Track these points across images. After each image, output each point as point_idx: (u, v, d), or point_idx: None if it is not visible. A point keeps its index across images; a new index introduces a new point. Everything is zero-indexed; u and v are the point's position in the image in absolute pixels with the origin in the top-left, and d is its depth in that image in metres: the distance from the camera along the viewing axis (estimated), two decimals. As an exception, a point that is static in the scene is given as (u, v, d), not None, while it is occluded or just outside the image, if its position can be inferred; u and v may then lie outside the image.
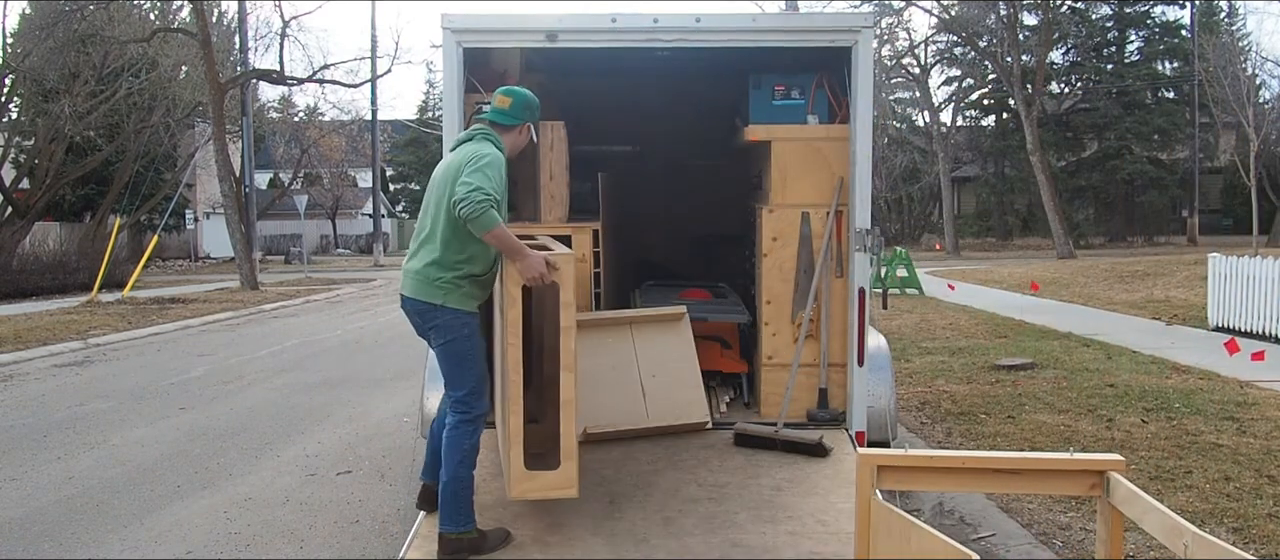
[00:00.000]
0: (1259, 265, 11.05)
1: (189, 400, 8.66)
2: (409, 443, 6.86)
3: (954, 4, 31.75)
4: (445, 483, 3.67)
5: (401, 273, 3.97)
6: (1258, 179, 26.16)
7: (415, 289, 3.81)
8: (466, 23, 4.72)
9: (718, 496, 4.17)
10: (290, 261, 38.02)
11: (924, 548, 2.58)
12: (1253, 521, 4.66)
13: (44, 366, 11.00)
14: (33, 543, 4.94)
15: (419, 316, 3.84)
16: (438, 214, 3.77)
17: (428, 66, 57.57)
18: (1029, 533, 4.67)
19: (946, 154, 36.16)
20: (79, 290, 20.41)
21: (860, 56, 4.73)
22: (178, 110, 26.57)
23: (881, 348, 5.40)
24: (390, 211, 49.90)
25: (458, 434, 3.73)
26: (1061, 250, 28.74)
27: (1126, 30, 37.39)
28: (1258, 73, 32.06)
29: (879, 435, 5.07)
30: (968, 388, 8.23)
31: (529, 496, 3.81)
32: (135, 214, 29.36)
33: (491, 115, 3.93)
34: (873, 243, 4.79)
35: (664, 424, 4.97)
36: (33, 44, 21.90)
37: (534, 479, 3.78)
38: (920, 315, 13.86)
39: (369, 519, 5.25)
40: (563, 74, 6.32)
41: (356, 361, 10.95)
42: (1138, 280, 18.20)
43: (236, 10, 24.78)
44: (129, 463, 6.48)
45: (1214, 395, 7.55)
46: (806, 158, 5.08)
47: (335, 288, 23.17)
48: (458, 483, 3.67)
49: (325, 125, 35.58)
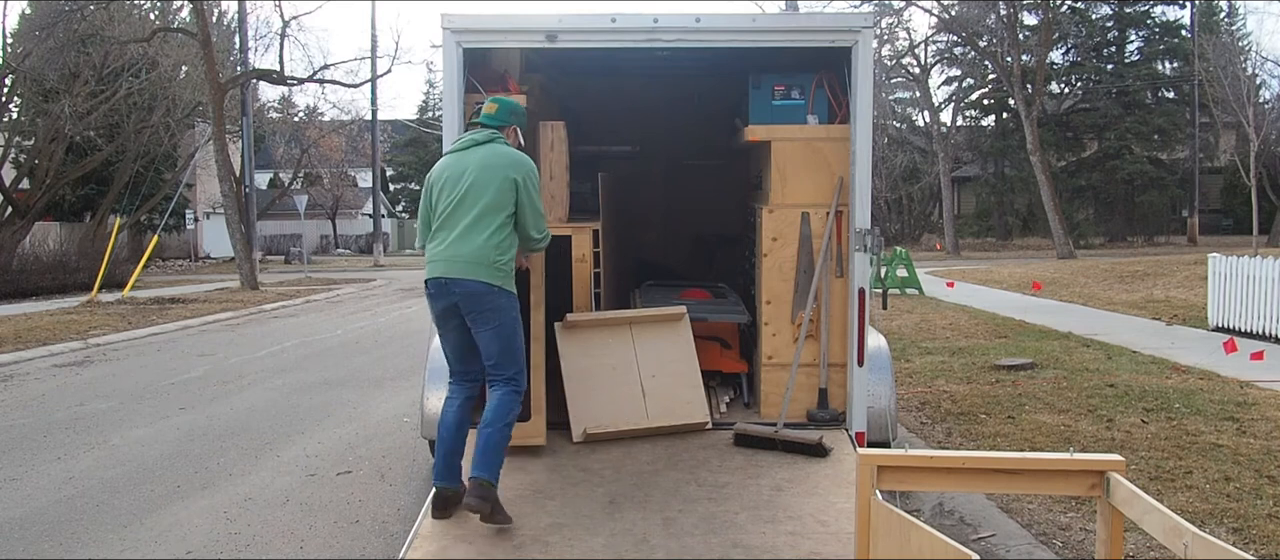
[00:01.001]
0: (1259, 265, 11.04)
1: (189, 400, 8.66)
2: (409, 443, 6.86)
3: (954, 4, 31.75)
4: (490, 434, 3.96)
5: (437, 259, 4.09)
6: (1258, 179, 26.15)
7: (472, 271, 4.00)
8: (466, 23, 4.73)
9: (718, 496, 4.17)
10: (290, 261, 38.03)
11: (924, 548, 2.59)
12: (1253, 521, 4.65)
13: (44, 366, 11.00)
14: (33, 543, 4.94)
15: (474, 298, 4.00)
16: (486, 209, 4.04)
17: (428, 66, 57.68)
18: (1029, 533, 4.67)
19: (946, 154, 36.16)
20: (79, 290, 20.41)
21: (860, 56, 4.73)
22: (178, 110, 26.57)
23: (881, 348, 5.40)
24: (390, 211, 49.90)
25: (509, 402, 4.05)
26: (1061, 250, 28.74)
27: (1126, 30, 37.40)
28: (1258, 73, 32.06)
29: (879, 435, 5.08)
30: (968, 388, 8.23)
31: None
32: (135, 214, 29.36)
33: (484, 119, 4.25)
34: (873, 243, 4.79)
35: (664, 424, 4.97)
36: (33, 44, 21.90)
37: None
38: (920, 315, 13.86)
39: (369, 519, 5.25)
40: (563, 74, 6.33)
41: (356, 361, 10.95)
42: (1138, 280, 18.20)
43: (236, 10, 24.81)
44: (129, 463, 6.48)
45: (1214, 395, 7.55)
46: (806, 158, 5.08)
47: (335, 288, 23.17)
48: (501, 438, 4.00)
49: (325, 125, 35.56)
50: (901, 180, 40.16)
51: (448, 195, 4.10)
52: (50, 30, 21.33)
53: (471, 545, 3.73)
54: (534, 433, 4.71)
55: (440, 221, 4.11)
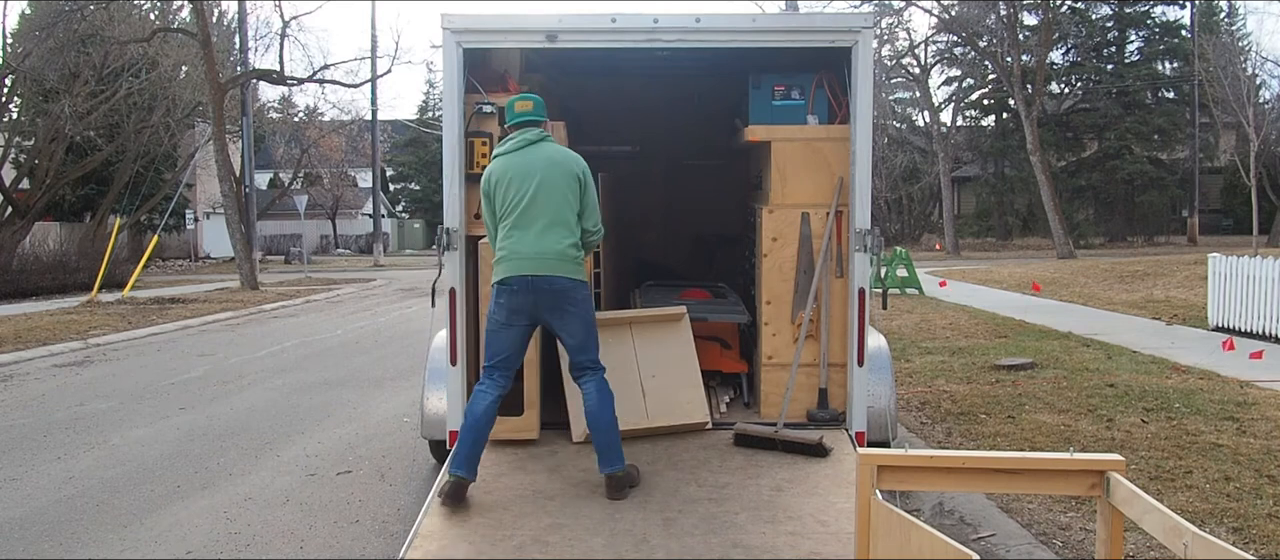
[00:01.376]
0: (1259, 265, 11.04)
1: (189, 400, 8.66)
2: (409, 443, 6.86)
3: (954, 4, 31.74)
4: (607, 428, 4.21)
5: (520, 257, 4.21)
6: (1258, 179, 26.15)
7: (558, 268, 4.22)
8: (466, 23, 4.72)
9: (718, 497, 4.17)
10: (290, 261, 38.03)
11: (924, 548, 2.59)
12: (1253, 521, 4.65)
13: (44, 366, 11.00)
14: (33, 543, 4.94)
15: (560, 294, 4.22)
16: (561, 206, 4.25)
17: (428, 66, 57.64)
18: (1029, 533, 4.66)
19: (946, 154, 36.16)
20: (79, 290, 20.41)
21: (860, 56, 4.73)
22: (178, 110, 26.57)
23: (881, 348, 5.40)
24: (390, 212, 49.91)
25: (606, 389, 4.30)
26: (1061, 250, 28.74)
27: (1126, 30, 37.41)
28: (1258, 73, 32.05)
29: (879, 435, 5.08)
30: (968, 388, 8.23)
31: (498, 438, 4.63)
32: (135, 214, 29.36)
33: (530, 117, 4.41)
34: (873, 243, 4.79)
35: (664, 424, 4.97)
36: (33, 44, 21.90)
37: (503, 423, 4.64)
38: (920, 315, 13.86)
39: (369, 519, 5.25)
40: (563, 74, 6.32)
41: (356, 361, 10.95)
42: (1138, 280, 18.20)
43: (236, 10, 24.81)
44: (129, 463, 6.48)
45: (1214, 395, 7.55)
46: (806, 158, 5.08)
47: (335, 288, 23.17)
48: (617, 427, 4.25)
49: (325, 125, 35.56)
50: (901, 180, 40.16)
51: (515, 194, 4.24)
52: (50, 30, 21.33)
53: (472, 545, 3.73)
54: (526, 427, 4.83)
55: (513, 220, 4.24)
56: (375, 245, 35.64)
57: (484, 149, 4.94)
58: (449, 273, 4.79)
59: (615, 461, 4.18)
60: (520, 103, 4.43)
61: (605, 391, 4.30)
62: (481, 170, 4.94)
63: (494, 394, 4.24)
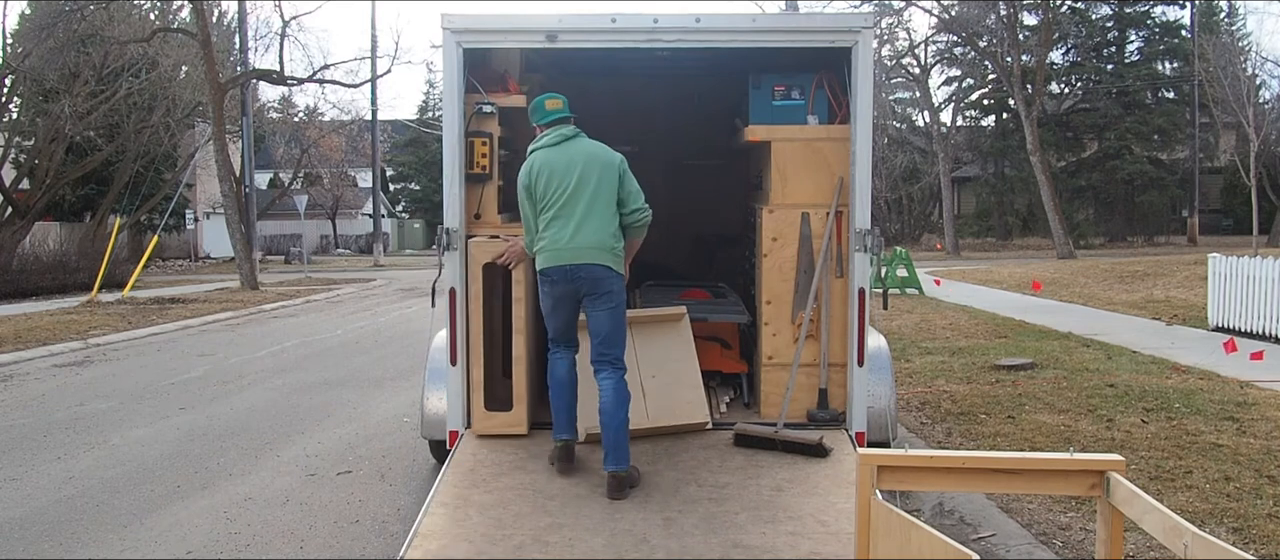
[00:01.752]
0: (1259, 265, 11.04)
1: (189, 400, 8.66)
2: (409, 443, 6.86)
3: (954, 4, 31.75)
4: (618, 427, 4.26)
5: (561, 248, 4.37)
6: (1258, 179, 26.15)
7: (597, 257, 4.36)
8: (466, 23, 4.72)
9: (718, 497, 4.17)
10: (290, 261, 38.03)
11: (924, 548, 2.59)
12: (1253, 521, 4.65)
13: (44, 366, 11.00)
14: (33, 543, 4.94)
15: (598, 281, 4.37)
16: (601, 198, 4.38)
17: (428, 66, 57.63)
18: (1029, 533, 4.67)
19: (946, 154, 36.16)
20: (79, 290, 20.41)
21: (860, 57, 4.73)
22: (178, 110, 26.57)
23: (881, 348, 5.40)
24: (390, 212, 49.91)
25: (624, 388, 4.38)
26: (1061, 250, 28.74)
27: (1126, 30, 37.41)
28: (1258, 73, 32.05)
29: (879, 435, 5.07)
30: (968, 388, 8.23)
31: (488, 432, 4.84)
32: (135, 214, 29.36)
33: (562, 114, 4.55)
34: (873, 243, 4.79)
35: (664, 424, 4.98)
36: (33, 44, 21.88)
37: (492, 418, 4.87)
38: (920, 315, 13.86)
39: (369, 519, 5.25)
40: (563, 74, 6.32)
41: (356, 361, 10.95)
42: (1138, 280, 18.21)
43: (236, 10, 24.81)
44: (129, 463, 6.48)
45: (1214, 395, 7.55)
46: (806, 158, 5.08)
47: (335, 288, 23.17)
48: (627, 428, 4.31)
49: (325, 125, 35.56)
50: (901, 180, 40.16)
51: (556, 187, 4.38)
52: (50, 30, 21.32)
53: (471, 545, 3.73)
54: (515, 422, 4.90)
55: (554, 213, 4.38)
56: (375, 245, 35.64)
57: (484, 149, 4.94)
58: (449, 273, 4.80)
59: (621, 460, 4.23)
60: (550, 101, 4.55)
61: (623, 391, 4.38)
62: (481, 170, 4.95)
63: (568, 359, 4.57)
